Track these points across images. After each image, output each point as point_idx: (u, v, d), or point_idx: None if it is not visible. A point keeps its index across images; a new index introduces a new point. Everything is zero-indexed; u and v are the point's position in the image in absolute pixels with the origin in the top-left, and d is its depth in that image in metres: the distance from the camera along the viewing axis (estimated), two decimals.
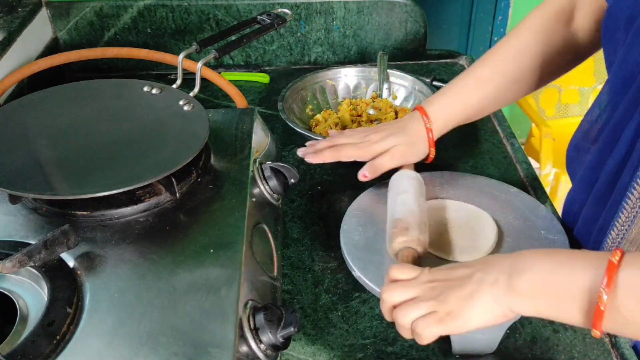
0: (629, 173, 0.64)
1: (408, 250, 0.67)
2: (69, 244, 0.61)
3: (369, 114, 1.03)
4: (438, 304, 0.55)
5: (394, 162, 0.80)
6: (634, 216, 0.64)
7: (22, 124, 0.77)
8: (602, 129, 0.72)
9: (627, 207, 0.64)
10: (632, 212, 0.64)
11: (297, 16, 1.22)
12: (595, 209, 0.72)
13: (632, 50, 0.63)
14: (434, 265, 0.61)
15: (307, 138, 0.94)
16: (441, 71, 1.25)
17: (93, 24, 1.20)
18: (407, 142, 0.80)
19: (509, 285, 0.54)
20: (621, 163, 0.66)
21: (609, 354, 0.65)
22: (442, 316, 0.55)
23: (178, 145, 0.73)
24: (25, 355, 0.51)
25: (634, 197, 0.63)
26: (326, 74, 1.10)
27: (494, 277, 0.55)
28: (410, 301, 0.57)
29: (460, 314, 0.55)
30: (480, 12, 2.16)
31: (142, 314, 0.56)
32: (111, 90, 0.86)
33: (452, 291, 0.56)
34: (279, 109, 0.99)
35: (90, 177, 0.68)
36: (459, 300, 0.55)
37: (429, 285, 0.57)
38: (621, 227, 0.65)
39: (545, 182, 2.07)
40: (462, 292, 0.55)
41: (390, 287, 0.59)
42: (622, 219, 0.65)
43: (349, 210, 0.78)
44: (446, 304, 0.55)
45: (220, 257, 0.62)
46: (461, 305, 0.55)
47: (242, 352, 0.55)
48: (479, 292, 0.54)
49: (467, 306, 0.54)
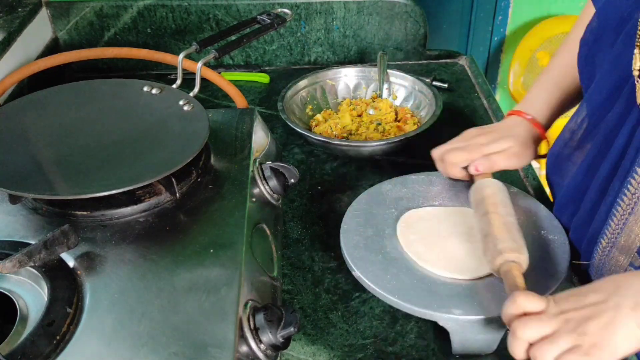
0: (620, 179, 0.64)
1: (518, 266, 0.63)
2: (69, 244, 0.61)
3: (369, 114, 1.03)
4: (579, 336, 0.52)
5: (510, 162, 0.77)
6: (624, 223, 0.63)
7: (22, 124, 0.77)
8: (589, 136, 0.71)
9: (617, 215, 0.64)
10: (622, 219, 0.63)
11: (297, 16, 1.22)
12: (585, 218, 0.71)
13: (624, 53, 0.62)
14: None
15: (307, 138, 0.94)
16: (441, 71, 1.25)
17: (93, 24, 1.20)
18: (519, 143, 0.78)
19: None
20: (613, 169, 0.65)
21: None
22: (587, 349, 0.52)
23: (178, 145, 0.73)
24: (25, 355, 0.51)
25: (624, 204, 0.63)
26: (326, 74, 1.10)
27: (633, 301, 0.52)
28: (548, 337, 0.53)
29: (606, 345, 0.52)
30: (480, 12, 2.16)
31: (142, 314, 0.56)
32: (111, 90, 0.86)
33: (590, 321, 0.53)
34: (279, 109, 0.99)
35: (90, 177, 0.68)
36: (600, 330, 0.52)
37: (562, 318, 0.54)
38: (611, 235, 0.65)
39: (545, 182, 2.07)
40: (601, 320, 0.52)
41: (523, 322, 0.54)
42: (612, 226, 0.65)
43: (349, 210, 0.78)
44: (588, 335, 0.52)
45: (220, 257, 0.62)
46: (604, 336, 0.52)
47: (242, 352, 0.55)
48: (620, 318, 0.52)
49: (611, 335, 0.52)
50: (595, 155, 0.69)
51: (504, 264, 0.64)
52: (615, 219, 0.64)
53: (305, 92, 1.07)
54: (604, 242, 0.66)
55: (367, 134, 0.99)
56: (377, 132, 0.99)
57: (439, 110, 0.97)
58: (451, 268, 0.68)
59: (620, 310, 0.52)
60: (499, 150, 0.77)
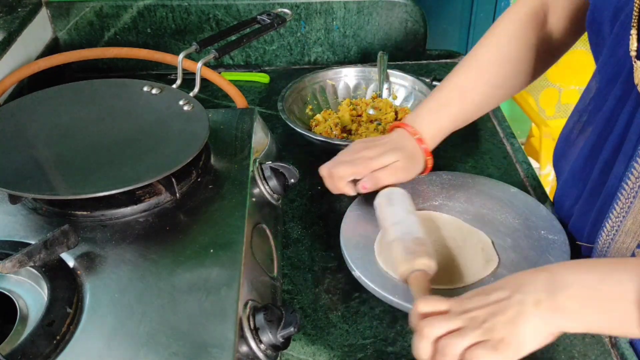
0: (624, 162, 0.64)
1: (422, 273, 0.64)
2: (69, 244, 0.61)
3: (369, 114, 1.03)
4: (486, 332, 0.53)
5: (396, 177, 0.77)
6: (629, 206, 0.63)
7: (22, 124, 0.77)
8: (592, 119, 0.72)
9: (621, 198, 0.64)
10: (627, 202, 0.63)
11: (297, 16, 1.22)
12: (588, 202, 0.71)
13: (620, 42, 0.63)
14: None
15: (307, 138, 0.94)
16: (441, 71, 1.25)
17: (93, 24, 1.20)
18: (406, 156, 0.78)
19: (553, 304, 0.52)
20: (615, 152, 0.66)
21: (609, 354, 0.65)
22: (495, 344, 0.52)
23: (178, 145, 0.73)
24: (25, 355, 0.51)
25: (628, 187, 0.63)
26: (326, 74, 1.10)
27: (535, 297, 0.53)
28: (455, 331, 0.54)
29: (514, 340, 0.52)
30: (480, 12, 2.16)
31: (142, 314, 0.56)
32: (111, 90, 0.86)
33: (495, 318, 0.53)
34: (279, 109, 0.99)
35: (90, 177, 0.68)
36: (506, 325, 0.53)
37: (468, 316, 0.54)
38: (616, 219, 0.65)
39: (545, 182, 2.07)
40: (505, 316, 0.53)
41: (429, 320, 0.55)
42: (616, 210, 0.65)
43: (349, 210, 0.78)
44: (495, 331, 0.53)
45: (220, 257, 0.62)
46: (511, 331, 0.53)
47: (242, 352, 0.55)
48: (524, 315, 0.53)
49: (516, 331, 0.52)
50: (596, 139, 0.70)
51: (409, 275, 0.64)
52: (620, 202, 0.64)
53: (305, 92, 1.07)
54: (608, 225, 0.66)
55: (367, 134, 0.99)
56: (377, 131, 0.99)
57: None
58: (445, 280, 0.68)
59: (523, 306, 0.53)
60: (385, 163, 0.77)
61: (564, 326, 0.53)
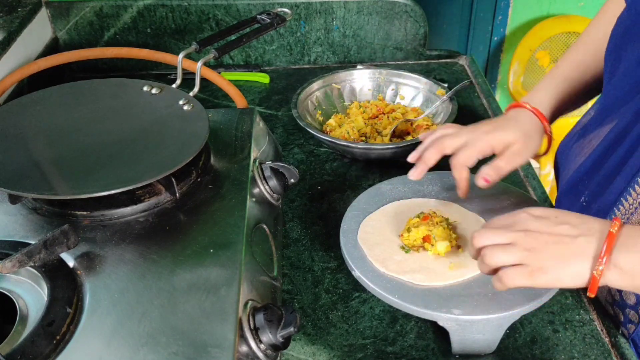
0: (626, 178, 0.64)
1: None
2: (69, 244, 0.61)
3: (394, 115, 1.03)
4: (531, 255, 0.54)
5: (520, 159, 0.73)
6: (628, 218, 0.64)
7: (22, 124, 0.77)
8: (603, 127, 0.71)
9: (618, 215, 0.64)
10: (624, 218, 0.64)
11: (297, 16, 1.22)
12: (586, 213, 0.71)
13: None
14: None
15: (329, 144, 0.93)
16: (441, 71, 1.25)
17: (93, 24, 1.20)
18: (523, 136, 0.74)
19: (612, 261, 0.52)
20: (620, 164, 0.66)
21: (609, 353, 0.65)
22: (533, 270, 0.54)
23: (178, 145, 0.73)
24: (25, 355, 0.51)
25: (627, 204, 0.63)
26: (331, 77, 1.09)
27: (597, 250, 0.53)
28: (502, 245, 0.55)
29: (552, 272, 0.53)
30: (480, 12, 2.16)
31: (142, 314, 0.56)
32: (111, 90, 0.86)
33: (550, 247, 0.54)
34: (295, 116, 0.97)
35: (90, 177, 0.68)
36: (554, 258, 0.54)
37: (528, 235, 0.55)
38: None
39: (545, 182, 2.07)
40: (560, 251, 0.54)
41: (483, 231, 0.57)
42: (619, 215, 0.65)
43: (349, 210, 0.78)
44: (540, 259, 0.54)
45: (220, 257, 0.62)
46: (555, 265, 0.53)
47: (242, 352, 0.55)
48: (579, 258, 0.53)
49: (561, 267, 0.53)
50: (606, 147, 0.69)
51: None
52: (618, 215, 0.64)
53: (314, 97, 1.06)
54: None
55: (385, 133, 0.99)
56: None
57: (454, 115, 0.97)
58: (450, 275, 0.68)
59: (583, 251, 0.54)
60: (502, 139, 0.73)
61: (613, 282, 0.53)
